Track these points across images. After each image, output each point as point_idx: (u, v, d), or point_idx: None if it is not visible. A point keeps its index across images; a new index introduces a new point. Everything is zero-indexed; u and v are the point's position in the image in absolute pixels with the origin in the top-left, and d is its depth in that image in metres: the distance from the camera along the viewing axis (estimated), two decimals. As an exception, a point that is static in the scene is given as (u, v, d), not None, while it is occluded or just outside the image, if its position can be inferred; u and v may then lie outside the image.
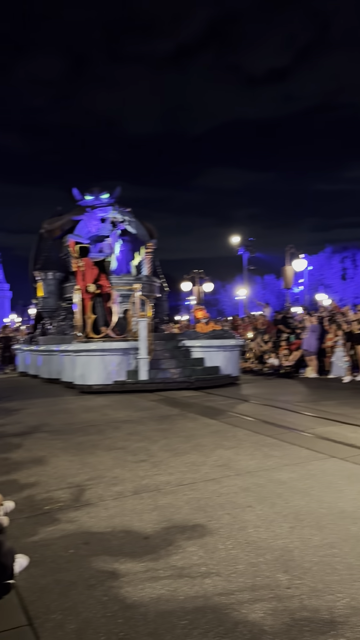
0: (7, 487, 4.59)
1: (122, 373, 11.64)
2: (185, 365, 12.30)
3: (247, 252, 36.02)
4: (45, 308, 17.32)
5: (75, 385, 11.88)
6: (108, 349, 11.64)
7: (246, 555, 3.11)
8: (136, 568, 3.00)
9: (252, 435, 6.37)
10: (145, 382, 11.34)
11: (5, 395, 11.79)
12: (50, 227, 17.58)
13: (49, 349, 14.55)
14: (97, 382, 11.45)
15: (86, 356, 11.66)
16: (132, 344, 11.76)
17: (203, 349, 12.89)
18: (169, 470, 4.94)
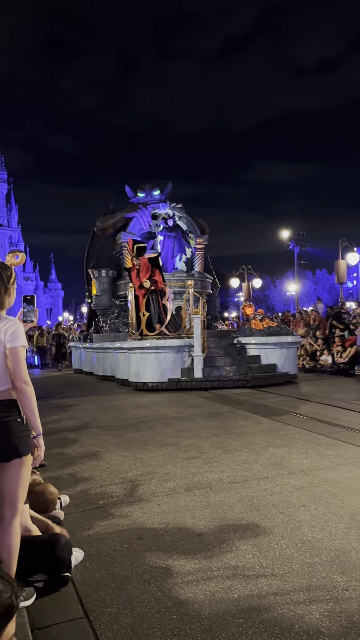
0: (62, 481, 4.71)
1: (176, 371, 11.44)
2: (240, 363, 11.99)
3: (297, 247, 35.39)
4: (99, 306, 17.33)
5: (130, 382, 11.83)
6: (162, 346, 11.46)
7: (301, 555, 3.06)
8: (190, 565, 3.00)
9: (305, 434, 6.26)
10: (200, 380, 11.11)
11: (60, 391, 12.07)
12: (103, 225, 17.60)
13: (103, 346, 14.53)
14: (152, 379, 11.31)
15: (140, 354, 11.54)
16: (186, 341, 11.60)
17: (259, 346, 12.51)
18: (220, 468, 4.92)
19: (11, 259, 2.95)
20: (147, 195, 17.49)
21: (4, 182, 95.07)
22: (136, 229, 16.77)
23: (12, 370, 2.54)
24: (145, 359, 11.44)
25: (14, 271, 2.82)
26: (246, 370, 11.52)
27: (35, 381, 15.18)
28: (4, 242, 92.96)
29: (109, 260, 17.38)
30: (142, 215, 16.75)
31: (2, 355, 2.57)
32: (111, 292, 17.27)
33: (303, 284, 61.72)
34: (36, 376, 17.75)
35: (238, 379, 11.15)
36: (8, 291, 2.70)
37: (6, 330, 2.57)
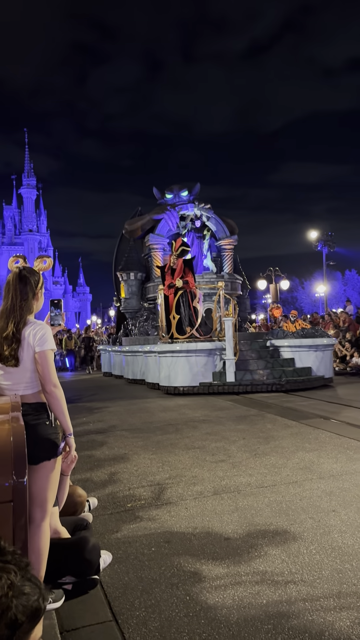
0: (91, 483, 4.74)
1: (207, 375, 11.17)
2: (274, 366, 11.69)
3: (326, 247, 34.99)
4: (128, 309, 17.21)
5: (161, 386, 11.61)
6: (193, 349, 11.22)
7: (331, 561, 3.01)
8: (218, 569, 2.99)
9: (335, 438, 6.16)
10: (232, 384, 10.78)
11: (89, 394, 12.18)
12: (131, 228, 17.44)
13: (132, 349, 14.29)
14: (183, 383, 11.04)
15: (171, 357, 11.28)
16: (217, 344, 11.36)
17: (292, 348, 12.13)
18: (248, 472, 4.88)
19: (39, 264, 2.99)
20: (175, 197, 17.31)
21: (33, 187, 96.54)
22: (164, 231, 16.62)
23: (42, 374, 2.59)
24: (176, 362, 11.19)
25: (42, 276, 2.87)
26: (280, 373, 11.20)
27: (66, 384, 15.21)
28: (34, 247, 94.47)
29: (138, 262, 17.23)
30: (170, 216, 16.57)
31: (31, 359, 2.61)
32: (140, 294, 17.12)
33: (332, 285, 60.97)
34: (66, 379, 17.91)
35: (272, 382, 10.80)
36: (36, 296, 2.74)
37: (35, 334, 2.61)
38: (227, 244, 17.13)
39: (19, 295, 2.67)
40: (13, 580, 0.87)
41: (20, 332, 2.61)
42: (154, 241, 16.40)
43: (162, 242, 16.49)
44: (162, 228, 16.59)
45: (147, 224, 17.05)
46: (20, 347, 2.60)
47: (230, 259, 17.19)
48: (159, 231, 16.56)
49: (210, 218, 16.87)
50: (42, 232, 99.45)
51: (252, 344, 12.75)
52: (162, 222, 16.59)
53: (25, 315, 2.66)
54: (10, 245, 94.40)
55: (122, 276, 17.21)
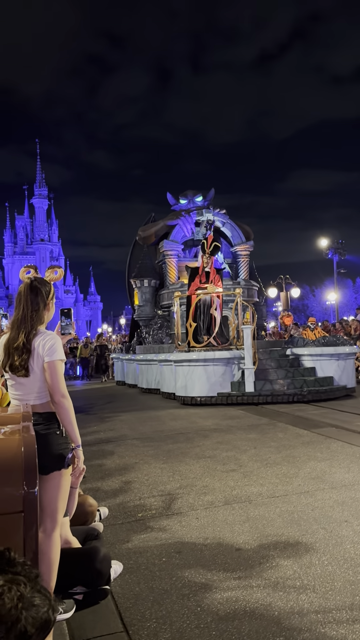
0: (101, 493, 4.74)
1: (226, 384, 10.70)
2: (294, 375, 11.17)
3: (336, 255, 34.85)
4: (141, 316, 16.83)
5: (177, 396, 11.17)
6: (211, 358, 10.79)
7: (343, 573, 2.98)
8: (229, 580, 2.97)
9: (347, 447, 6.11)
10: (251, 394, 10.32)
11: (102, 404, 12.19)
12: (145, 234, 17.22)
13: (147, 358, 13.88)
14: (200, 394, 10.61)
15: (188, 366, 10.83)
16: (235, 353, 10.93)
17: (313, 357, 11.64)
18: (259, 481, 4.86)
19: (50, 274, 3.02)
20: (189, 202, 17.07)
21: (45, 197, 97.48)
22: (179, 237, 16.39)
23: (50, 384, 2.60)
24: (193, 372, 10.77)
25: (53, 286, 2.89)
26: (301, 383, 10.69)
27: (78, 393, 15.14)
28: (45, 257, 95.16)
29: (151, 269, 16.93)
30: (185, 222, 16.29)
31: (41, 369, 2.63)
32: (153, 302, 16.76)
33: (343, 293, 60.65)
34: (79, 388, 17.83)
35: (293, 393, 10.28)
36: (47, 306, 2.76)
37: (44, 345, 2.62)
38: (242, 250, 16.80)
39: (30, 305, 2.69)
40: (23, 592, 0.88)
41: (31, 342, 2.63)
42: (168, 247, 16.14)
43: (176, 248, 16.28)
44: (177, 234, 16.36)
45: (161, 230, 16.79)
46: (30, 357, 2.61)
47: (246, 265, 16.80)
48: (174, 237, 16.31)
49: (226, 223, 16.59)
50: (54, 242, 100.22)
51: (271, 353, 12.32)
52: (176, 228, 16.35)
53: (36, 326, 2.68)
54: (22, 255, 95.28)
55: (135, 283, 16.92)
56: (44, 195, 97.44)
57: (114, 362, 19.12)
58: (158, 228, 16.88)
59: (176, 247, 16.24)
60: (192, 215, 16.39)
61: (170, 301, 14.97)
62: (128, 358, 16.19)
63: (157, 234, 16.83)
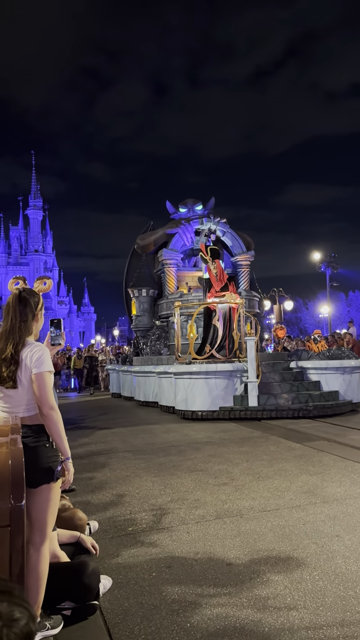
0: (92, 506, 4.70)
1: (228, 398, 10.31)
2: (299, 389, 10.72)
3: (329, 269, 35.04)
4: (139, 327, 16.30)
5: (177, 410, 10.73)
6: (213, 371, 10.35)
7: (334, 588, 2.96)
8: (219, 596, 2.94)
9: (339, 461, 6.10)
10: (255, 409, 9.88)
11: (95, 415, 12.06)
12: (143, 243, 16.76)
13: (144, 370, 13.34)
14: (202, 408, 10.17)
15: (189, 379, 10.38)
16: (238, 365, 10.54)
17: (318, 371, 11.28)
18: (251, 495, 4.83)
19: (39, 285, 3.01)
20: (189, 211, 16.61)
21: (40, 209, 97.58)
22: (178, 246, 15.94)
23: (38, 396, 2.57)
24: (194, 385, 10.31)
25: (44, 297, 2.88)
26: (306, 398, 10.26)
27: (71, 406, 14.75)
28: (39, 267, 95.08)
29: (150, 278, 16.44)
30: (185, 231, 15.81)
31: (29, 381, 2.60)
32: (152, 312, 16.24)
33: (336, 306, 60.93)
34: (72, 400, 17.48)
35: (298, 408, 9.83)
36: (36, 317, 2.75)
37: (32, 356, 2.60)
38: (243, 260, 16.35)
39: (19, 316, 2.68)
40: (2, 609, 0.86)
41: (19, 353, 2.61)
42: (167, 256, 15.66)
43: (176, 257, 15.83)
44: (176, 243, 15.92)
45: (160, 238, 16.39)
46: (18, 368, 2.59)
47: (246, 275, 16.34)
48: (173, 246, 15.87)
49: (226, 233, 16.18)
50: (48, 253, 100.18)
51: (274, 366, 11.87)
52: (176, 236, 15.92)
53: (24, 337, 2.66)
54: (16, 265, 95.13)
55: (133, 293, 16.40)
56: (38, 207, 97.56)
57: (109, 374, 18.42)
58: (157, 237, 16.53)
59: (175, 256, 15.86)
60: (192, 224, 15.90)
61: (169, 311, 14.60)
62: (124, 369, 15.72)
63: (156, 242, 16.48)
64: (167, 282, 15.65)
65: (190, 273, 16.09)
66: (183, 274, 15.99)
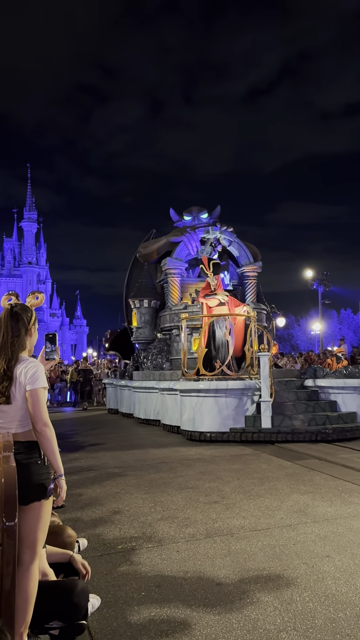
0: (81, 523, 4.66)
1: (239, 419, 9.53)
2: (315, 410, 9.99)
3: (321, 286, 35.30)
4: (139, 339, 15.49)
5: (182, 430, 10.00)
6: (223, 389, 9.58)
7: (324, 610, 2.95)
8: (208, 616, 2.92)
9: (330, 480, 6.10)
10: (268, 431, 9.12)
11: (85, 430, 11.97)
12: (146, 251, 15.91)
13: (146, 385, 12.46)
14: (211, 429, 9.40)
15: (196, 397, 9.62)
16: (250, 383, 9.75)
17: (334, 390, 10.47)
18: (242, 514, 4.81)
19: (32, 299, 3.02)
20: (194, 219, 15.76)
21: (34, 221, 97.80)
22: (183, 255, 15.05)
23: (32, 413, 2.56)
24: (203, 403, 9.54)
25: (39, 310, 2.89)
26: (324, 419, 9.45)
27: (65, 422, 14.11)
28: (32, 279, 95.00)
29: (152, 289, 15.60)
30: (190, 239, 14.94)
31: (23, 397, 2.60)
32: (153, 324, 15.35)
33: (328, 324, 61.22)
34: (67, 416, 16.66)
35: (316, 430, 9.03)
36: (29, 332, 2.75)
37: (27, 373, 2.60)
38: (250, 271, 15.53)
39: (11, 332, 2.68)
40: None
41: (12, 369, 2.61)
42: (171, 265, 14.79)
43: (180, 266, 14.98)
44: (181, 252, 15.02)
45: (164, 247, 15.53)
46: (12, 384, 2.59)
47: (253, 287, 15.59)
48: (177, 255, 14.96)
49: (233, 242, 15.38)
50: (41, 265, 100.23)
51: (287, 384, 11.10)
52: (180, 245, 15.05)
53: (17, 353, 2.66)
54: (9, 277, 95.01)
55: (134, 303, 15.52)
56: (33, 219, 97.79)
57: (107, 388, 17.56)
58: (160, 245, 15.65)
59: (180, 266, 15.00)
60: (197, 232, 15.09)
61: (172, 324, 13.91)
62: (123, 384, 14.93)
63: (159, 251, 15.61)
64: (171, 292, 14.88)
65: (195, 284, 15.33)
66: (187, 285, 15.23)
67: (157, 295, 15.63)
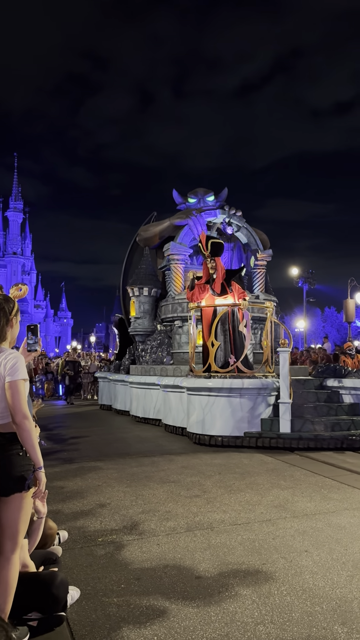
0: (62, 515, 4.66)
1: (255, 422, 8.53)
2: (337, 413, 8.94)
3: (306, 284, 35.54)
4: (138, 330, 14.08)
5: (189, 433, 8.97)
6: (238, 388, 8.53)
7: (301, 604, 2.99)
8: (187, 609, 2.94)
9: (310, 476, 6.17)
10: (288, 436, 8.14)
11: (78, 426, 11.87)
12: (146, 234, 14.58)
13: (145, 381, 11.36)
14: (222, 432, 8.42)
15: (207, 396, 8.63)
16: (266, 382, 8.74)
17: (358, 391, 9.44)
18: (222, 508, 4.85)
19: (15, 291, 3.00)
20: (199, 202, 14.46)
21: (20, 211, 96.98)
22: (188, 240, 13.73)
23: (12, 405, 2.53)
24: (214, 404, 8.56)
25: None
26: (349, 424, 8.50)
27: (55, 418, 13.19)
28: (17, 270, 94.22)
29: (153, 276, 14.30)
30: (196, 222, 13.58)
31: (2, 389, 2.57)
32: (153, 314, 14.07)
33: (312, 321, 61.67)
34: (59, 409, 15.98)
35: (341, 437, 8.06)
36: (10, 322, 2.73)
37: (6, 364, 2.57)
38: (260, 259, 14.22)
39: None
40: None
41: None
42: (175, 251, 13.49)
43: (184, 252, 13.69)
44: (186, 236, 13.68)
45: (167, 230, 14.17)
46: None
47: (262, 277, 14.39)
48: (182, 239, 13.61)
49: (241, 228, 14.05)
50: (27, 256, 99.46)
51: (306, 384, 10.02)
52: (185, 228, 13.69)
53: None
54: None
55: (133, 291, 14.18)
56: (19, 209, 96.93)
57: (99, 382, 16.35)
58: (163, 228, 14.26)
59: (184, 252, 13.66)
60: (204, 215, 13.80)
61: (174, 314, 12.67)
62: (118, 379, 13.71)
63: (162, 234, 14.25)
64: (174, 280, 13.55)
65: (199, 272, 13.90)
66: (190, 273, 13.66)
67: (158, 283, 14.40)
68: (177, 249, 13.51)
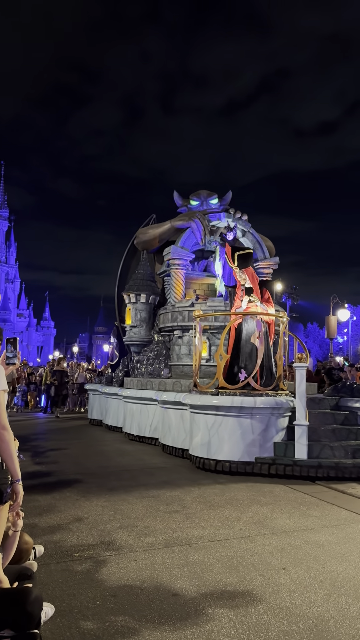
0: (38, 530, 4.59)
1: (267, 446, 7.54)
2: (357, 437, 7.96)
3: (290, 300, 35.84)
4: (134, 339, 13.10)
5: (192, 456, 8.01)
6: (249, 407, 7.54)
7: (278, 622, 2.97)
8: (163, 627, 2.90)
9: (289, 492, 6.17)
10: (306, 463, 7.13)
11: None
12: (145, 237, 13.71)
13: (141, 395, 10.47)
14: (231, 457, 7.45)
15: (214, 415, 7.71)
16: (281, 401, 7.75)
17: None
18: (201, 524, 4.82)
19: None
20: (202, 204, 13.53)
21: (5, 219, 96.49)
22: (190, 244, 12.68)
23: None
24: (222, 424, 7.63)
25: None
26: None
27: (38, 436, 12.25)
28: (1, 278, 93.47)
29: (151, 282, 13.40)
30: (199, 225, 12.58)
31: None
32: (151, 323, 13.13)
33: (294, 337, 61.97)
34: (42, 422, 15.00)
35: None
36: None
37: None
38: (265, 267, 13.18)
39: None
40: None
41: None
42: (176, 255, 12.35)
43: (186, 257, 12.56)
44: (188, 240, 12.61)
45: (167, 233, 13.28)
46: None
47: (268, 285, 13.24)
48: (184, 243, 12.53)
49: (247, 233, 13.13)
50: (11, 264, 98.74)
51: (321, 403, 9.01)
52: (187, 232, 12.64)
53: None
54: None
55: (129, 298, 13.18)
56: (4, 217, 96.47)
57: (89, 395, 15.26)
58: (163, 231, 13.38)
59: (186, 256, 12.55)
60: (208, 218, 12.86)
61: (173, 323, 11.42)
62: (110, 392, 12.77)
63: (162, 237, 13.40)
64: (174, 287, 12.45)
65: (199, 279, 13.19)
66: (190, 280, 13.00)
67: (157, 289, 13.46)
68: (178, 253, 12.44)
